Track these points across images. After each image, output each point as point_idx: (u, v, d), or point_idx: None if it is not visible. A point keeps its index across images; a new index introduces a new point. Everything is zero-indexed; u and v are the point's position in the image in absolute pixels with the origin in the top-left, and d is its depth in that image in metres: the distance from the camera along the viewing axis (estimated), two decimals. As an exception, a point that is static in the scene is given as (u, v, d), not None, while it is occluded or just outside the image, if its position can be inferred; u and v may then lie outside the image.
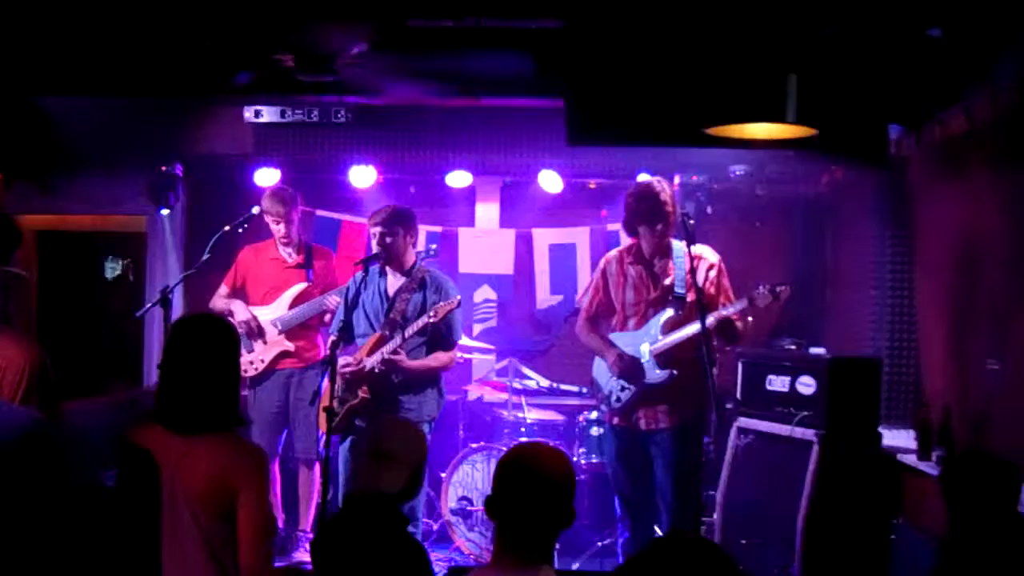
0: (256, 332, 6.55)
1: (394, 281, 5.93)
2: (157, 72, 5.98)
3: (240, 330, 6.57)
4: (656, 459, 5.45)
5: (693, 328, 5.23)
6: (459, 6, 4.97)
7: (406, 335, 5.68)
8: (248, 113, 7.12)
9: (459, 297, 5.82)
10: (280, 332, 6.58)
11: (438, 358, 5.87)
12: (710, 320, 5.15)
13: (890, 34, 4.66)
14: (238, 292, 6.72)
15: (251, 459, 3.37)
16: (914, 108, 5.65)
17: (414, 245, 6.01)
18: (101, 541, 3.22)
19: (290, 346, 6.60)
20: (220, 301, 6.70)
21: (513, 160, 7.50)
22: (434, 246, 6.55)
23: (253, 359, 6.56)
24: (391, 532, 3.52)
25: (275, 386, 6.60)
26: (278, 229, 6.59)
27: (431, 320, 5.65)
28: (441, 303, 5.72)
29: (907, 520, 5.19)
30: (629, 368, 5.44)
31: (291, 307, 6.60)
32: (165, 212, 7.56)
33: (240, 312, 6.56)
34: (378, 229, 5.83)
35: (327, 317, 6.51)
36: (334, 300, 6.40)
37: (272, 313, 6.60)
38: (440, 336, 5.85)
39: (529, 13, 5.03)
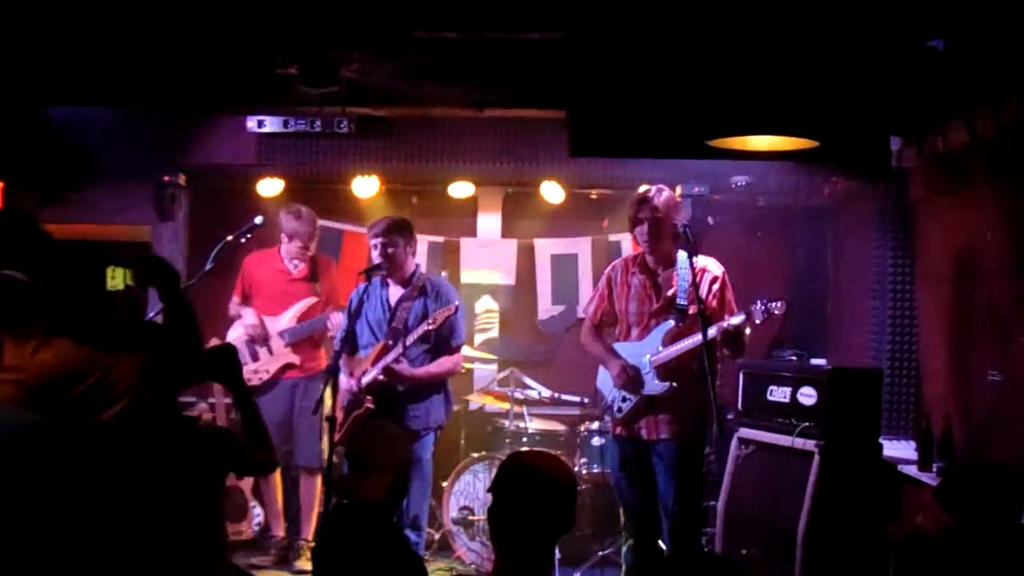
0: (262, 339, 6.58)
1: (395, 291, 5.96)
2: (161, 82, 6.00)
3: (247, 333, 6.61)
4: (658, 468, 5.46)
5: (694, 340, 5.24)
6: (463, 18, 4.99)
7: (406, 344, 5.70)
8: (251, 123, 7.14)
9: (457, 303, 5.85)
10: (287, 344, 6.60)
11: (442, 364, 5.90)
12: (713, 331, 5.17)
13: (892, 46, 4.68)
14: (246, 299, 6.78)
15: None
16: (916, 120, 5.67)
17: (414, 254, 6.04)
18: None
19: (295, 358, 6.64)
20: (235, 307, 6.78)
21: (515, 170, 7.51)
22: (445, 273, 6.58)
23: (258, 368, 6.59)
24: (384, 540, 3.53)
25: (280, 395, 6.63)
26: (299, 250, 6.63)
27: (430, 327, 5.68)
28: (439, 310, 5.74)
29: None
30: (632, 379, 5.45)
31: (299, 320, 6.64)
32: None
33: (248, 316, 6.62)
34: (379, 240, 5.86)
35: (329, 333, 6.55)
36: (336, 319, 6.43)
37: (279, 325, 6.63)
38: (443, 342, 5.88)
39: (532, 24, 5.04)
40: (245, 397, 3.71)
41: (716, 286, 5.47)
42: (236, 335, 6.69)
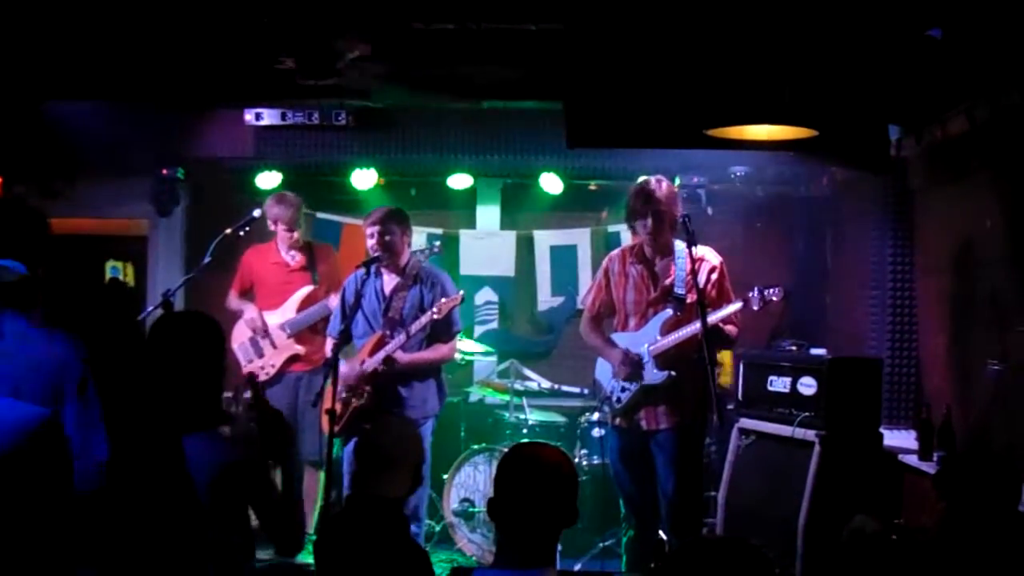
0: (263, 332, 6.57)
1: (390, 280, 5.96)
2: (159, 76, 5.99)
3: (250, 329, 6.61)
4: (657, 459, 5.46)
5: (691, 329, 5.24)
6: (460, 9, 4.98)
7: (410, 333, 5.70)
8: (249, 116, 7.12)
9: (462, 292, 5.85)
10: (289, 336, 6.59)
11: (438, 349, 5.91)
12: (713, 319, 5.17)
13: (891, 35, 4.66)
14: (247, 294, 6.76)
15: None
16: (915, 109, 5.66)
17: (409, 244, 6.05)
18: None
19: (300, 349, 6.62)
20: (233, 302, 6.77)
21: (514, 162, 7.50)
22: (438, 242, 6.55)
23: (264, 364, 6.57)
24: (393, 534, 3.53)
25: (284, 389, 6.61)
26: (288, 235, 6.62)
27: (435, 317, 5.68)
28: (444, 300, 5.74)
29: (908, 520, 5.19)
30: (633, 367, 5.44)
31: (299, 310, 6.62)
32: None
33: (249, 311, 6.62)
34: (376, 229, 5.86)
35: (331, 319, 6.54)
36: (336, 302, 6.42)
37: (280, 317, 6.62)
38: (440, 329, 5.88)
39: (529, 16, 5.03)
40: (289, 474, 3.48)
41: (714, 275, 5.47)
42: (241, 332, 6.68)
